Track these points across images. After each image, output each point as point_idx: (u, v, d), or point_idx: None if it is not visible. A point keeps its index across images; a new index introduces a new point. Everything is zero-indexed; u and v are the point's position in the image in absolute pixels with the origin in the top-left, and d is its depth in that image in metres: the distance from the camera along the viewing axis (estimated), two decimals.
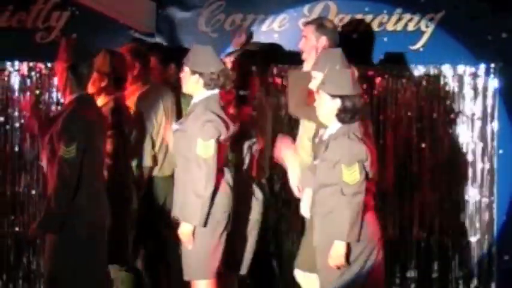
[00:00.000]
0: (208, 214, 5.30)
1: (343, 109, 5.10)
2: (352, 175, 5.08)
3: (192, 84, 5.48)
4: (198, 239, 5.31)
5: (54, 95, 7.41)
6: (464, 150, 7.16)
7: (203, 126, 5.31)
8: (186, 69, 5.52)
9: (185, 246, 5.34)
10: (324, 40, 6.15)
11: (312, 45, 6.11)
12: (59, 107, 7.21)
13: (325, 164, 5.15)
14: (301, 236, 5.83)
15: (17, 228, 7.33)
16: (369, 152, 5.12)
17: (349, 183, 5.07)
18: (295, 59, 6.75)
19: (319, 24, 6.20)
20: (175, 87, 6.53)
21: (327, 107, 5.14)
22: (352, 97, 5.11)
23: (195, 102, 5.52)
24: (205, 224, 5.28)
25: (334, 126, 5.17)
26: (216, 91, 5.48)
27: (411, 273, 7.09)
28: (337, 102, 5.10)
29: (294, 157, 5.64)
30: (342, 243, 5.02)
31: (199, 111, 5.41)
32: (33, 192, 7.36)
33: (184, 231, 5.30)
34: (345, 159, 5.07)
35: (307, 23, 6.29)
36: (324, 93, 5.17)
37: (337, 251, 5.03)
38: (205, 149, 5.29)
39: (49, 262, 5.23)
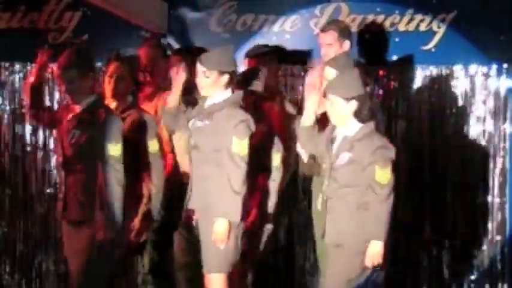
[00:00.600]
0: None
1: (360, 109, 5.12)
2: (386, 175, 5.10)
3: (219, 85, 5.45)
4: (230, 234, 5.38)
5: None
6: (475, 150, 7.11)
7: (238, 125, 5.33)
8: (212, 71, 5.43)
9: (220, 242, 5.32)
10: (347, 44, 6.19)
11: (337, 52, 6.13)
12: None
13: (352, 167, 5.15)
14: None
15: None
16: None
17: (382, 183, 5.08)
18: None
19: (341, 29, 6.21)
20: None
21: (342, 109, 5.14)
22: (365, 95, 5.15)
23: (220, 101, 5.47)
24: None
25: (353, 127, 5.17)
26: (241, 91, 5.53)
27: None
28: (353, 104, 5.13)
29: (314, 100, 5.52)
30: (379, 242, 5.05)
31: (231, 110, 5.41)
32: (47, 191, 7.42)
33: (222, 227, 5.29)
34: (380, 160, 5.08)
35: (326, 30, 6.25)
36: (337, 98, 5.16)
37: (376, 251, 5.06)
38: (241, 147, 5.31)
39: (83, 257, 5.35)
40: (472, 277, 7.07)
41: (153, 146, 5.81)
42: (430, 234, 7.03)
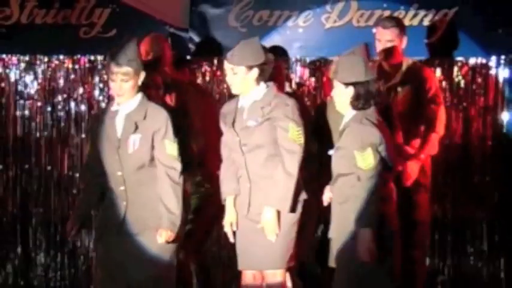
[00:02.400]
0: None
1: (356, 96, 5.05)
2: (366, 160, 4.94)
3: (250, 80, 5.36)
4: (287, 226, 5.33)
5: (97, 87, 7.65)
6: (476, 136, 7.28)
7: (293, 113, 5.27)
8: (240, 67, 5.35)
9: (272, 234, 5.29)
10: (405, 39, 6.39)
11: (400, 48, 6.33)
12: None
13: (340, 153, 5.08)
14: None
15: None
16: (383, 137, 5.00)
17: (364, 169, 4.93)
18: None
19: (401, 26, 6.37)
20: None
21: (342, 95, 5.11)
22: (365, 83, 5.05)
23: (261, 98, 5.38)
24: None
25: (349, 114, 5.13)
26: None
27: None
28: (351, 90, 5.06)
29: None
30: (366, 230, 4.88)
31: (282, 99, 5.34)
32: (77, 175, 7.55)
33: (275, 219, 5.27)
34: (357, 144, 4.96)
35: (388, 27, 6.31)
36: (338, 82, 5.13)
37: (362, 239, 4.90)
38: (298, 135, 5.27)
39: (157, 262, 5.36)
40: (472, 251, 7.29)
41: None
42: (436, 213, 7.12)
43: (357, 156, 4.97)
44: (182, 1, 7.52)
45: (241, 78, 5.35)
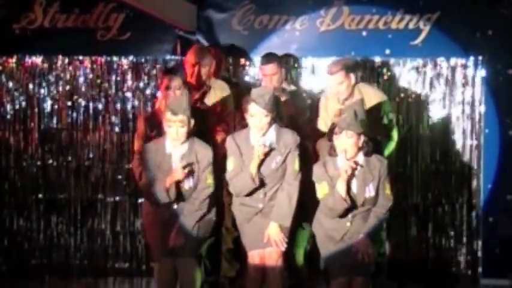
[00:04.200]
0: None
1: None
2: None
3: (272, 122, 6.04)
4: None
5: (113, 83, 7.86)
6: (455, 129, 7.57)
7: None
8: (272, 112, 5.93)
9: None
10: (353, 76, 6.53)
11: (348, 86, 6.47)
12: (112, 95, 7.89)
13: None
14: None
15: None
16: None
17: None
18: None
19: (347, 66, 6.48)
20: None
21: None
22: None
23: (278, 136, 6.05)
24: None
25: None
26: None
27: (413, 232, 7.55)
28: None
29: None
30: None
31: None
32: (96, 164, 7.87)
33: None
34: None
35: (335, 72, 6.43)
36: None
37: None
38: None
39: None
40: (452, 234, 7.58)
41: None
42: (416, 199, 7.52)
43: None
44: (190, 7, 7.71)
45: (270, 120, 5.97)
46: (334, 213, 5.83)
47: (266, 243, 6.08)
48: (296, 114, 6.77)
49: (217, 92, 6.92)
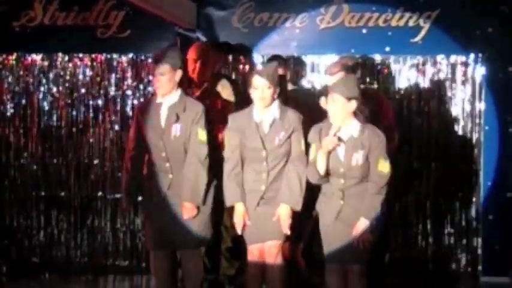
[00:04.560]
0: None
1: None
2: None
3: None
4: None
5: (112, 80, 7.86)
6: (455, 126, 7.58)
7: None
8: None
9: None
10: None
11: None
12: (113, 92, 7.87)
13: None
14: None
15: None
16: None
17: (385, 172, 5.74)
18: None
19: (346, 67, 6.39)
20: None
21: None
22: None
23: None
24: None
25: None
26: None
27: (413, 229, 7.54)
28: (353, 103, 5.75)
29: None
30: None
31: None
32: (95, 162, 7.89)
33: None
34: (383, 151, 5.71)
35: (335, 73, 6.31)
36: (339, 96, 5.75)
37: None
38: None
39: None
40: (452, 231, 7.60)
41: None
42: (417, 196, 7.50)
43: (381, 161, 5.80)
44: (190, 4, 7.72)
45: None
46: (310, 180, 5.86)
47: (266, 236, 6.07)
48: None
49: (219, 88, 6.96)
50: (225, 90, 7.00)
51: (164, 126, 6.11)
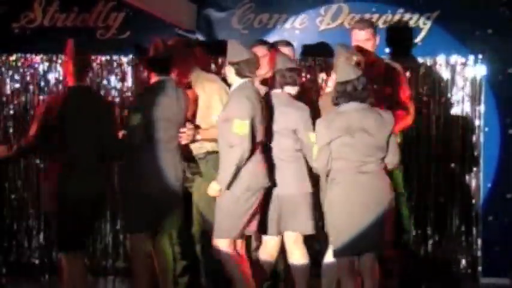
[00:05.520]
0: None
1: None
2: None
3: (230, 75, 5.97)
4: None
5: (112, 82, 7.89)
6: (455, 127, 7.58)
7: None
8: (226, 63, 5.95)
9: None
10: (378, 39, 6.58)
11: (373, 46, 6.52)
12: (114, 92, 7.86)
13: None
14: None
15: None
16: None
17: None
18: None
19: (374, 26, 6.57)
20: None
21: None
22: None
23: (231, 90, 6.05)
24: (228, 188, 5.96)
25: None
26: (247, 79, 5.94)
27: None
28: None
29: None
30: None
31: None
32: None
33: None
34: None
35: (363, 28, 6.45)
36: None
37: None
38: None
39: None
40: (452, 231, 7.57)
41: None
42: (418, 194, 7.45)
43: None
44: (190, 6, 7.75)
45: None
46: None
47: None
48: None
49: (204, 83, 6.77)
50: (210, 84, 6.80)
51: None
